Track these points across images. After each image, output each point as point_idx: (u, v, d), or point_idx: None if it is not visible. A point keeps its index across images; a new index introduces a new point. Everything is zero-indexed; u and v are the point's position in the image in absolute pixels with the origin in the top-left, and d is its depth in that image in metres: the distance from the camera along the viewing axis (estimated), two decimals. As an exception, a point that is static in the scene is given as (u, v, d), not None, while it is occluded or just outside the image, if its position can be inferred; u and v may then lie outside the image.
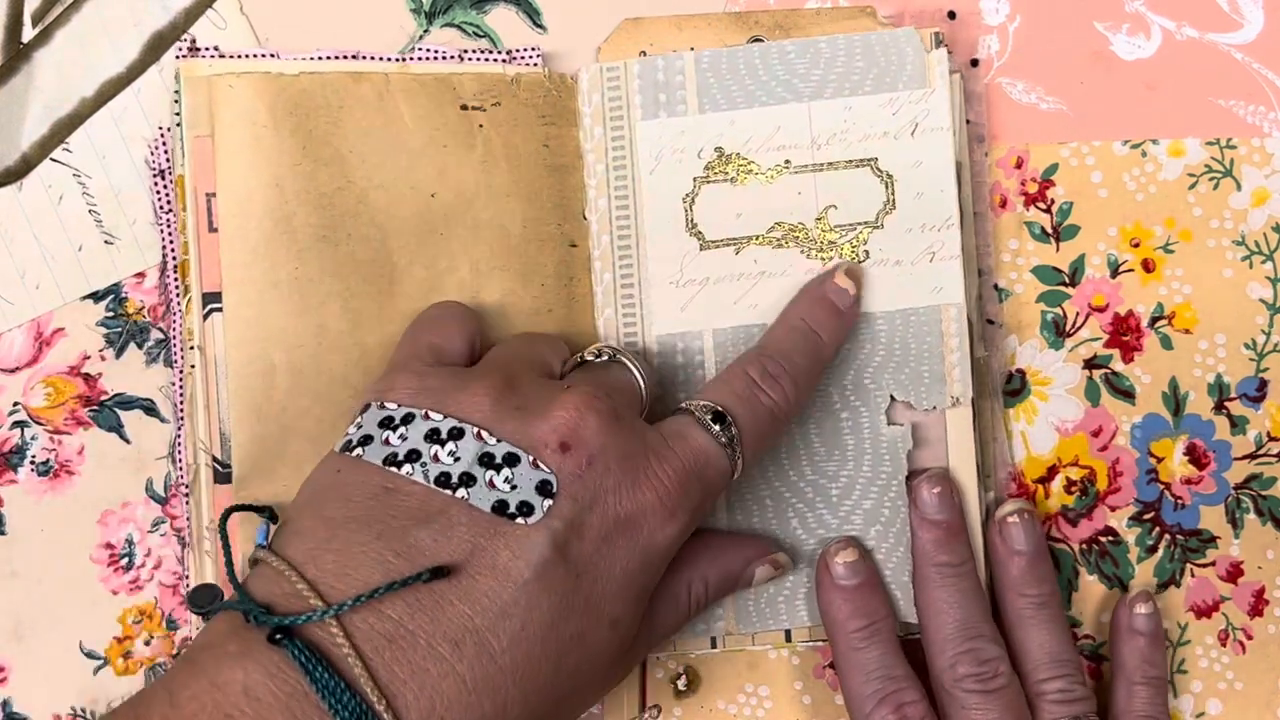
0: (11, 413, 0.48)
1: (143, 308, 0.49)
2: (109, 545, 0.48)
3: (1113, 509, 0.49)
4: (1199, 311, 0.49)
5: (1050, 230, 0.49)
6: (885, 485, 0.46)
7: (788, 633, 0.47)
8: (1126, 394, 0.49)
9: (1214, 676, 0.48)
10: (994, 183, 0.49)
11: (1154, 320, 0.49)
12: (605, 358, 0.43)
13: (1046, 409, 0.49)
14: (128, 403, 0.49)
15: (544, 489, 0.37)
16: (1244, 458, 0.49)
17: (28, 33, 0.49)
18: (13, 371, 0.49)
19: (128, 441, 0.49)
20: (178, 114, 0.46)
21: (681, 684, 0.49)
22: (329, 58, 0.47)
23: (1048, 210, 0.49)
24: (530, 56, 0.48)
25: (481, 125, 0.47)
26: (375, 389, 0.40)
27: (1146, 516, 0.49)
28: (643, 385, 0.43)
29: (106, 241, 0.49)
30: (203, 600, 0.38)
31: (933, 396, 0.46)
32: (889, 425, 0.46)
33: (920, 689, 0.44)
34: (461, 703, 0.35)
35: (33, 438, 0.49)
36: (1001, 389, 0.48)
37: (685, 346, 0.47)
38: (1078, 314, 0.49)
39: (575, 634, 0.37)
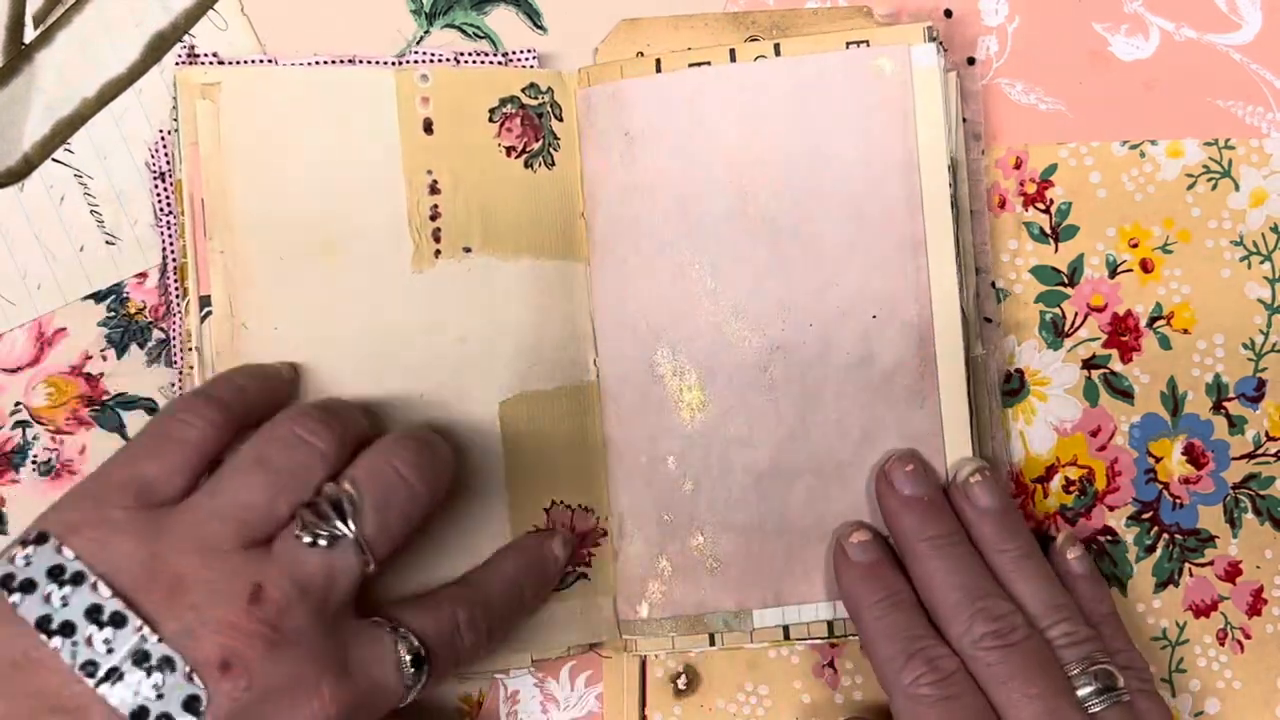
0: (13, 412, 0.49)
1: (144, 308, 0.49)
2: (110, 544, 0.49)
3: (1111, 508, 0.49)
4: (1197, 312, 0.49)
5: (1049, 230, 0.49)
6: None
7: (785, 630, 0.47)
8: (1125, 394, 0.49)
9: (1212, 676, 0.48)
10: (993, 183, 0.49)
11: (1152, 320, 0.49)
12: (325, 544, 0.38)
13: (1045, 409, 0.49)
14: (129, 403, 0.49)
15: (191, 705, 0.35)
16: (1242, 457, 0.49)
17: (29, 34, 0.49)
18: (14, 371, 0.49)
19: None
20: (175, 120, 0.46)
21: (681, 683, 0.49)
22: (327, 62, 0.47)
23: (1046, 210, 0.49)
24: (527, 58, 0.49)
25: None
26: (61, 519, 0.37)
27: (1145, 516, 0.49)
28: (369, 565, 0.39)
29: (108, 242, 0.49)
30: None
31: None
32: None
33: (949, 647, 0.43)
34: None
35: (34, 437, 0.49)
36: (1000, 388, 0.49)
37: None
38: (1076, 314, 0.49)
39: None
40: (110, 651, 0.35)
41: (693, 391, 0.47)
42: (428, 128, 0.47)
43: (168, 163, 0.48)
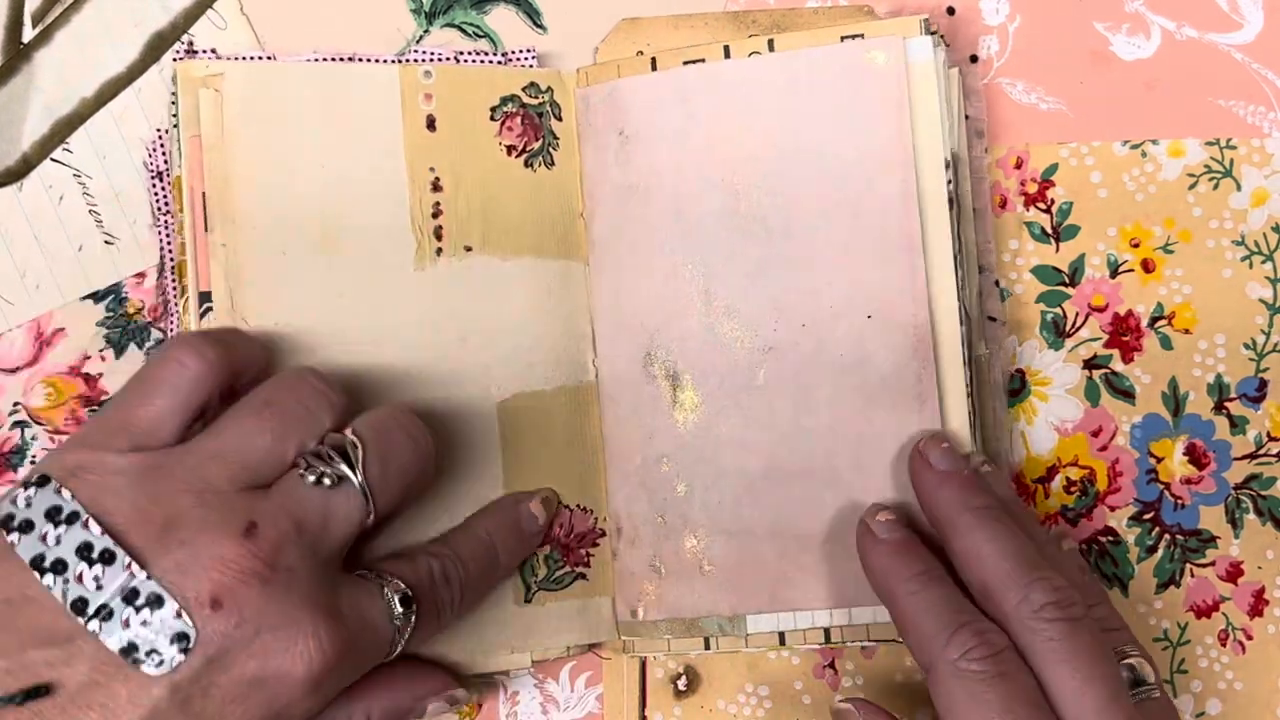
0: (12, 413, 0.49)
1: (143, 308, 0.49)
2: (109, 545, 0.49)
3: (1112, 509, 0.49)
4: (1199, 312, 0.49)
5: (1050, 230, 0.49)
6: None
7: (781, 636, 0.46)
8: (1126, 394, 0.49)
9: (1214, 676, 0.48)
10: (994, 183, 0.49)
11: (1154, 320, 0.49)
12: (329, 483, 0.39)
13: (1046, 409, 0.49)
14: (128, 403, 0.49)
15: (180, 640, 0.35)
16: (1244, 458, 0.49)
17: (28, 33, 0.49)
18: (13, 372, 0.49)
19: (128, 441, 0.49)
20: (174, 116, 0.46)
21: (681, 684, 0.49)
22: (326, 59, 0.47)
23: (1047, 210, 0.49)
24: (526, 58, 0.49)
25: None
26: (61, 463, 0.37)
27: (1146, 516, 0.49)
28: (369, 515, 0.40)
29: (107, 242, 0.49)
30: None
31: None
32: None
33: (995, 624, 0.40)
34: None
35: (33, 438, 0.49)
36: (1005, 388, 0.48)
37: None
38: (1077, 314, 0.49)
39: None
40: (100, 588, 0.35)
41: (686, 393, 0.47)
42: (430, 124, 0.47)
43: (165, 162, 0.48)
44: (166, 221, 0.48)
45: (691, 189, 0.47)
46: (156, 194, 0.48)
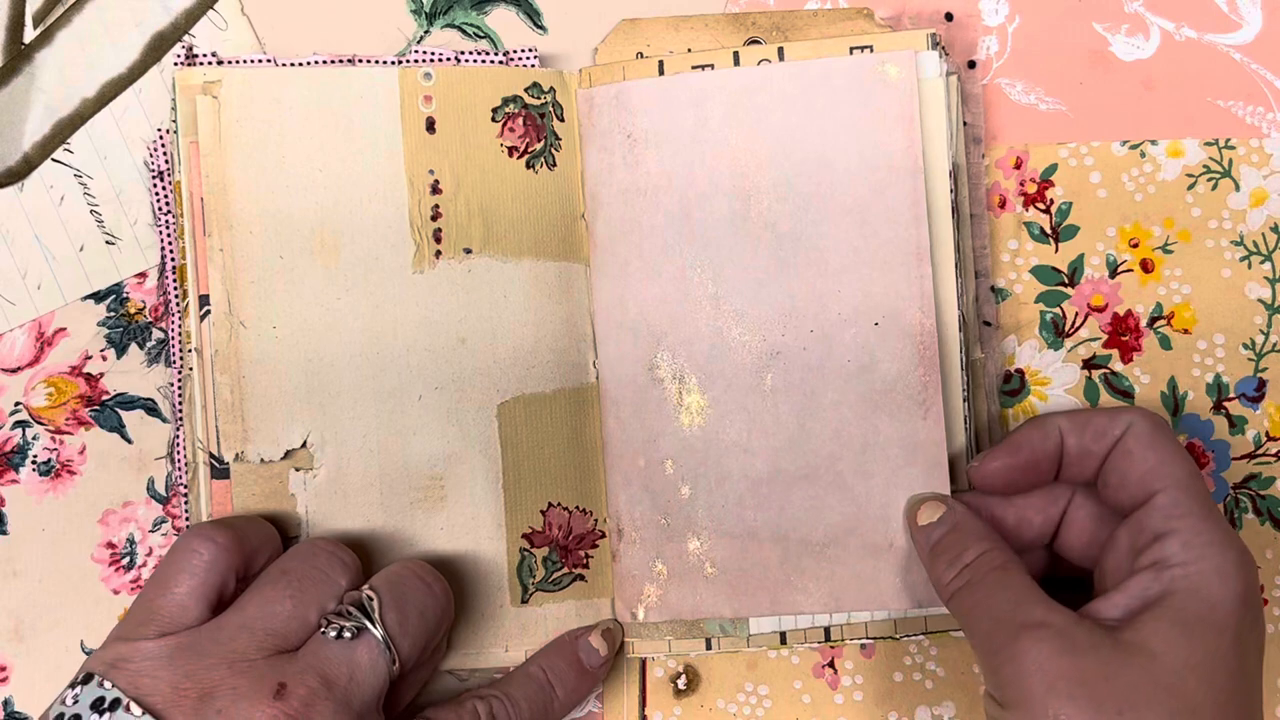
0: (13, 412, 0.49)
1: (143, 308, 0.49)
2: (110, 545, 0.49)
3: (1111, 509, 0.49)
4: (1198, 312, 0.49)
5: (1049, 230, 0.49)
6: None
7: (782, 636, 0.47)
8: (1125, 394, 0.49)
9: (1212, 676, 0.48)
10: (993, 183, 0.49)
11: (1153, 320, 0.49)
12: (349, 636, 0.40)
13: (1045, 409, 0.49)
14: (129, 403, 0.49)
15: None
16: (1242, 457, 0.49)
17: (29, 33, 0.49)
18: (14, 371, 0.49)
19: (129, 441, 0.49)
20: (174, 120, 0.46)
21: (681, 683, 0.49)
22: (326, 62, 0.47)
23: (1047, 210, 0.49)
24: (527, 58, 0.49)
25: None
26: (102, 659, 0.40)
27: (1145, 516, 0.49)
28: (394, 662, 0.41)
29: (108, 242, 0.49)
30: None
31: None
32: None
33: None
34: None
35: (34, 437, 0.49)
36: (998, 390, 0.48)
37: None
38: (1077, 314, 0.49)
39: None
40: None
41: (692, 396, 0.47)
42: (430, 127, 0.47)
43: (166, 162, 0.48)
44: (168, 221, 0.48)
45: (702, 193, 0.47)
46: (158, 194, 0.48)
